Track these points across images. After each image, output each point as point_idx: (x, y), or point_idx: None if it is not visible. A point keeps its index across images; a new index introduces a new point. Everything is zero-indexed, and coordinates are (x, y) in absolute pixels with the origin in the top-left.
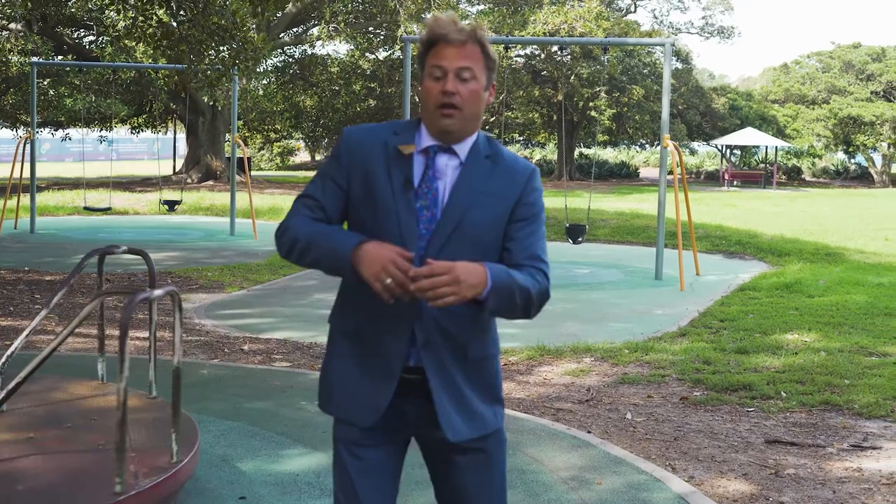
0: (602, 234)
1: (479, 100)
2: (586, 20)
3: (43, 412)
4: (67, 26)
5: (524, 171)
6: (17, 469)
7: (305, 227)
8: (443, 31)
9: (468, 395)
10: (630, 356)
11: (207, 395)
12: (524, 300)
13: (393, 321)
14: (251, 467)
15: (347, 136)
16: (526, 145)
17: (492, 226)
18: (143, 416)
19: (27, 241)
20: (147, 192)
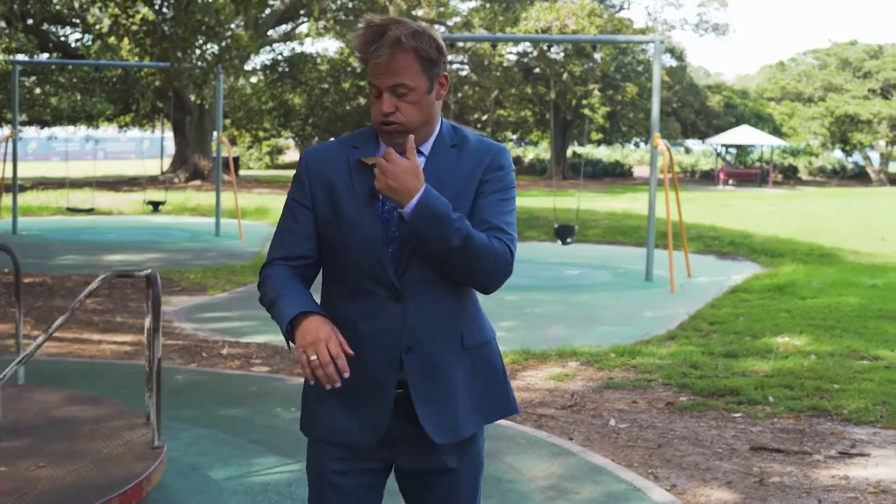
0: (593, 235)
1: (423, 107)
2: (578, 17)
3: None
4: (52, 24)
5: (489, 150)
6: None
7: (273, 283)
8: (363, 50)
9: (464, 389)
10: (616, 360)
11: (181, 401)
12: (464, 247)
13: (379, 331)
14: (221, 476)
15: (306, 156)
16: (519, 143)
17: (464, 212)
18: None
19: (9, 243)
20: (133, 192)
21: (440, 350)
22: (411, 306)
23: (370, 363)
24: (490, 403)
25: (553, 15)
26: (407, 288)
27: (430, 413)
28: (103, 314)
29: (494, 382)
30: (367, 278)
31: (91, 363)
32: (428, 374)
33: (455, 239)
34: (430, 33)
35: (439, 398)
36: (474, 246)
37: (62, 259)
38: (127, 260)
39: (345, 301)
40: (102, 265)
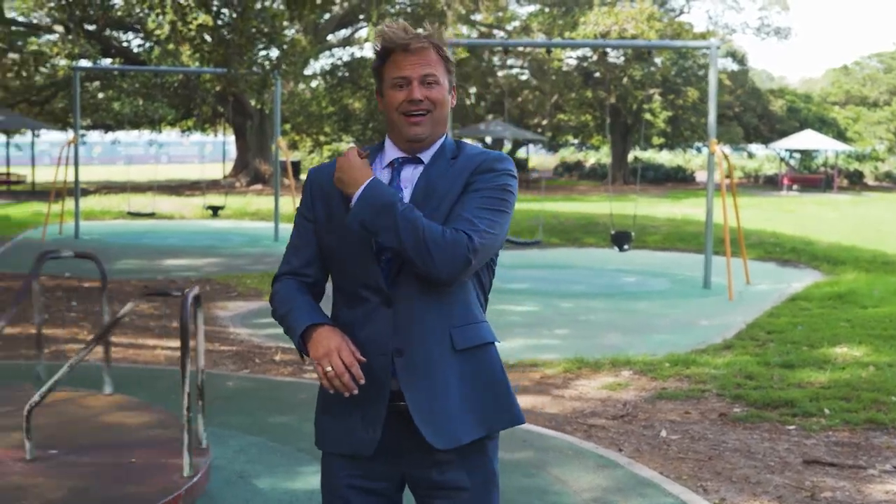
0: (652, 241)
1: (446, 103)
2: (638, 21)
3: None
4: (115, 29)
5: (483, 156)
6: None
7: (281, 297)
8: (400, 38)
9: (458, 393)
10: (670, 370)
11: (231, 408)
12: (412, 236)
13: (371, 337)
14: (268, 485)
15: (311, 173)
16: (580, 148)
17: (450, 213)
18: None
19: (71, 247)
20: (194, 197)
21: (429, 352)
22: (400, 310)
23: (366, 368)
24: (490, 411)
25: (612, 19)
26: (397, 294)
27: (425, 415)
28: (159, 319)
29: (493, 389)
30: (361, 286)
31: (144, 369)
32: (419, 376)
33: (403, 229)
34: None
35: (432, 400)
36: (424, 235)
37: (122, 263)
38: (186, 265)
39: (344, 308)
40: (161, 270)
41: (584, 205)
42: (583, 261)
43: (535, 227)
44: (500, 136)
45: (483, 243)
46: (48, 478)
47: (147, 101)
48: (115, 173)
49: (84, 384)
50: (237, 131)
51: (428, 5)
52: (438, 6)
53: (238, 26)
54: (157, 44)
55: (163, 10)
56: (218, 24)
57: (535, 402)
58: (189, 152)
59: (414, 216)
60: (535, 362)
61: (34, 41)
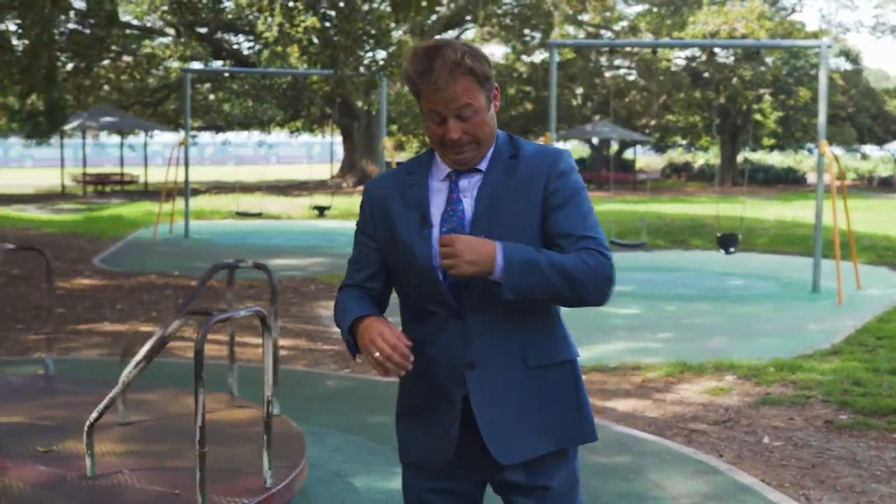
0: (760, 244)
1: (488, 123)
2: (748, 20)
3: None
4: (226, 32)
5: (546, 156)
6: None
7: (339, 306)
8: (424, 79)
9: (527, 409)
10: (775, 375)
11: (331, 407)
12: (564, 279)
13: (443, 350)
14: (363, 484)
15: (367, 187)
16: (688, 149)
17: (524, 225)
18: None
19: (180, 246)
20: (301, 197)
21: (500, 368)
22: (472, 323)
23: (438, 381)
24: (560, 429)
25: (721, 18)
26: (466, 306)
27: (492, 431)
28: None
29: (566, 407)
30: (428, 300)
31: (247, 367)
32: (488, 391)
33: (553, 276)
34: (480, 50)
35: (500, 417)
36: (573, 273)
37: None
38: (291, 264)
39: (413, 322)
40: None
41: (691, 206)
42: (688, 263)
43: (641, 228)
44: (606, 137)
45: (608, 251)
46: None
47: (256, 103)
48: (226, 174)
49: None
50: (344, 132)
51: (534, 6)
52: (545, 7)
53: (344, 28)
54: (265, 46)
55: (271, 12)
56: (325, 26)
57: (636, 405)
58: (298, 153)
59: (553, 259)
60: (637, 365)
61: (148, 44)
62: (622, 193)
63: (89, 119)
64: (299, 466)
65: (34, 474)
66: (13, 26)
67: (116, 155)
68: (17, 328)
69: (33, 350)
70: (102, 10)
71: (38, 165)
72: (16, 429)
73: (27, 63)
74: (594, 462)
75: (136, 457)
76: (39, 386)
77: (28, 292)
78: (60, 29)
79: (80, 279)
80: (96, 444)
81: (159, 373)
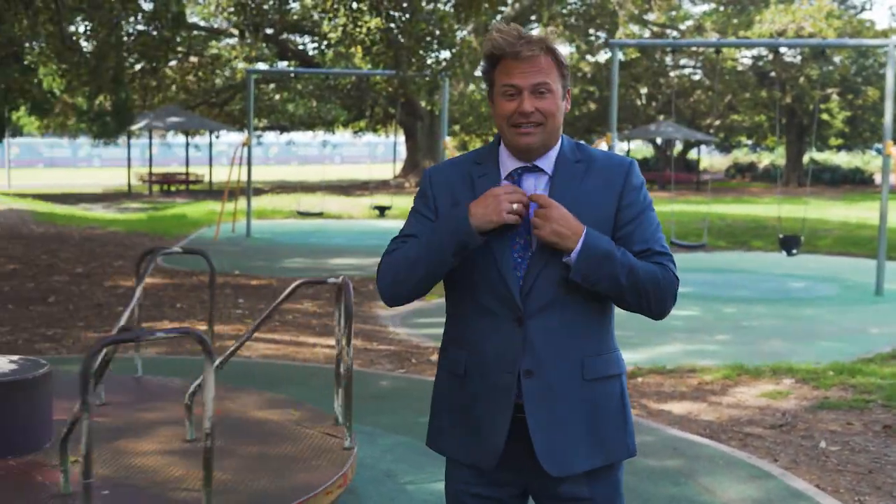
0: (822, 245)
1: (559, 111)
2: (816, 19)
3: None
4: (291, 33)
5: (619, 167)
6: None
7: (401, 252)
8: (510, 45)
9: (580, 422)
10: (834, 379)
11: (383, 407)
12: (632, 284)
13: (499, 353)
14: (414, 485)
15: (430, 173)
16: (753, 149)
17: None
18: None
19: (241, 245)
20: (363, 197)
21: (558, 378)
22: (532, 329)
23: (491, 383)
24: (609, 443)
25: (789, 17)
26: (529, 310)
27: (545, 442)
28: (321, 317)
29: (614, 420)
30: (491, 298)
31: (303, 367)
32: (544, 402)
33: (622, 275)
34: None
35: (554, 428)
36: (642, 278)
37: (289, 262)
38: (351, 264)
39: (468, 320)
40: (326, 269)
41: (754, 207)
42: (749, 265)
43: (701, 229)
44: (670, 137)
45: (675, 268)
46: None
47: (320, 103)
48: (290, 173)
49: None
50: (407, 132)
51: (599, 5)
52: (610, 6)
53: (407, 28)
54: (328, 46)
55: (334, 13)
56: (389, 27)
57: (691, 408)
58: (362, 153)
59: (629, 260)
60: (694, 368)
61: (214, 45)
62: (685, 194)
63: (156, 119)
64: (346, 466)
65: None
66: (82, 28)
67: (183, 155)
68: (78, 325)
69: None
70: (169, 11)
71: (106, 165)
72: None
73: (95, 64)
74: (645, 465)
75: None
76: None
77: (91, 290)
78: (128, 30)
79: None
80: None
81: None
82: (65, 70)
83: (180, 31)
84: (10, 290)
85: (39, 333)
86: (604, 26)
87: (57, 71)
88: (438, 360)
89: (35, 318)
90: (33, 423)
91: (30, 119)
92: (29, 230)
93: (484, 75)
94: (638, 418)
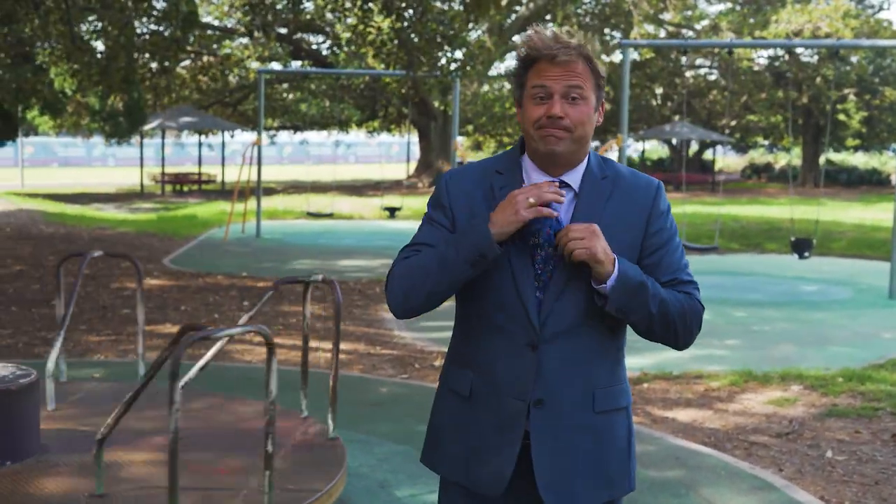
0: (836, 248)
1: (590, 122)
2: (832, 19)
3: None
4: (305, 32)
5: (647, 189)
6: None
7: (415, 259)
8: (546, 47)
9: (586, 455)
10: (843, 385)
11: (380, 415)
12: (663, 312)
13: (510, 378)
14: (408, 496)
15: (447, 180)
16: (770, 150)
17: (622, 254)
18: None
19: (251, 246)
20: (374, 197)
21: (568, 409)
22: (546, 356)
23: (499, 409)
24: (613, 478)
25: (805, 17)
26: (546, 335)
27: (548, 475)
28: (326, 321)
29: (619, 455)
30: (506, 318)
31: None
32: (552, 432)
33: (653, 305)
34: None
35: (559, 460)
36: (671, 309)
37: (297, 263)
38: (359, 265)
39: (479, 340)
40: (335, 270)
41: (769, 208)
42: (761, 267)
43: (714, 231)
44: (685, 138)
45: (702, 302)
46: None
47: (333, 103)
48: (304, 173)
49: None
50: (421, 132)
51: (614, 5)
52: (625, 6)
53: (417, 28)
54: (338, 46)
55: (346, 13)
56: (401, 27)
57: (696, 416)
58: (376, 153)
59: (658, 291)
60: (701, 374)
61: (228, 44)
62: (699, 195)
63: (168, 119)
64: (336, 477)
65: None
66: (93, 28)
67: (195, 154)
68: (81, 328)
69: (94, 352)
70: (179, 12)
71: (120, 164)
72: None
73: (105, 64)
74: (646, 476)
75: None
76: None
77: (96, 293)
78: (141, 30)
79: (147, 279)
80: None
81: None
82: (76, 70)
83: (192, 30)
84: (14, 292)
85: (40, 337)
86: (619, 26)
87: (68, 71)
88: (441, 375)
89: (37, 321)
90: (16, 433)
91: (44, 118)
92: (38, 230)
93: (515, 79)
94: (640, 427)
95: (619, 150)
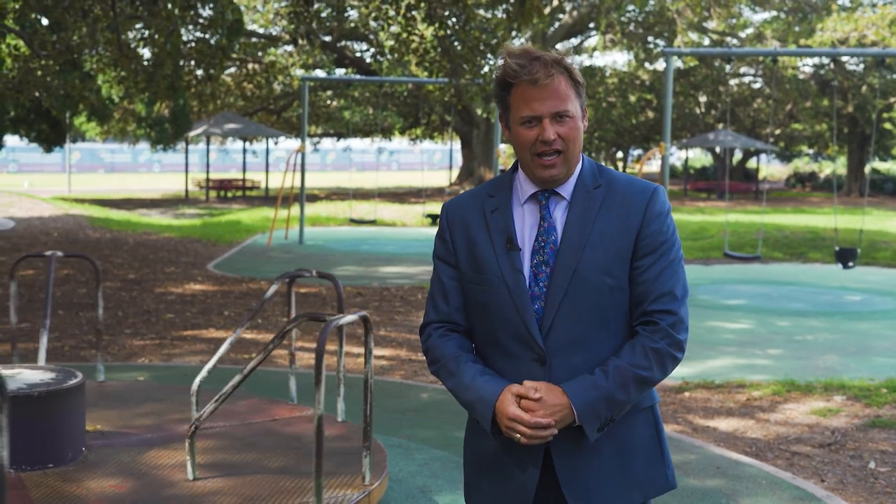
0: (881, 258)
1: (580, 135)
2: (878, 27)
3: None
4: (349, 40)
5: (642, 193)
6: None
7: (442, 353)
8: (525, 71)
9: (610, 460)
10: (888, 396)
11: (420, 421)
12: (640, 386)
13: (523, 449)
14: (448, 501)
15: (446, 209)
16: (815, 159)
17: (613, 266)
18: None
19: (294, 252)
20: (415, 204)
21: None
22: (556, 370)
23: (514, 476)
24: (641, 479)
25: (851, 25)
26: (552, 349)
27: (574, 486)
28: (356, 325)
29: (647, 455)
30: (511, 337)
31: (345, 378)
32: (571, 444)
33: (630, 395)
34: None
35: (583, 469)
36: (642, 377)
37: (340, 270)
38: (401, 272)
39: (486, 357)
40: (377, 276)
41: (813, 217)
42: (805, 277)
43: (757, 240)
44: (729, 146)
45: (685, 312)
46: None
47: (376, 110)
48: (347, 180)
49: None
50: (463, 139)
51: (658, 13)
52: (668, 14)
53: (460, 36)
54: (381, 54)
55: (388, 21)
56: (445, 35)
57: (738, 425)
58: (419, 160)
59: (621, 379)
60: (743, 383)
61: (273, 52)
62: (743, 203)
63: (213, 126)
64: (377, 482)
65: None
66: (139, 35)
67: (239, 160)
68: (125, 332)
69: (138, 355)
70: (224, 20)
71: (166, 170)
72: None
73: (152, 71)
74: (686, 485)
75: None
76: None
77: (141, 297)
78: (187, 38)
79: (192, 284)
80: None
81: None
82: (122, 77)
83: (237, 38)
84: (62, 296)
85: (87, 340)
86: (662, 34)
87: (115, 78)
88: (464, 450)
89: (83, 325)
90: (62, 434)
91: (91, 125)
92: (85, 235)
93: (498, 100)
94: (681, 436)
95: (662, 159)
